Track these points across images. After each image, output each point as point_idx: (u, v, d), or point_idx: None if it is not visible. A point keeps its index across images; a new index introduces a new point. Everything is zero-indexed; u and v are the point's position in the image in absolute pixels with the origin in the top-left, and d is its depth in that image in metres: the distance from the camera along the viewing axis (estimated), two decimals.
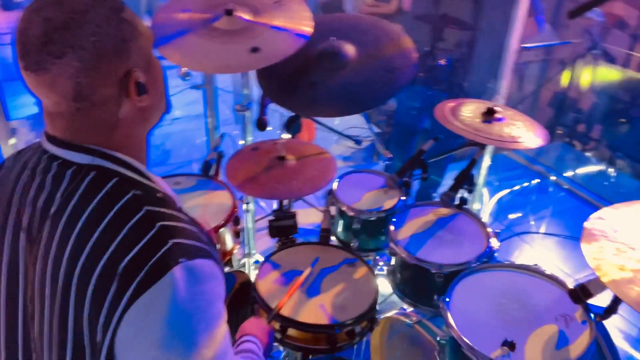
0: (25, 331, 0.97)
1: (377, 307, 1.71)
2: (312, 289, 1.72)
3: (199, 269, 0.87)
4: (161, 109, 1.05)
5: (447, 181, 3.48)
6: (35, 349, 0.95)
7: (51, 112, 0.93)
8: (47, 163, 0.96)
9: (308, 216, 3.30)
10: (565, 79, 4.57)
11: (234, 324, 1.77)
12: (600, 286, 1.31)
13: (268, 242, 2.15)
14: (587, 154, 4.64)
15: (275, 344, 1.61)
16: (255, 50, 1.73)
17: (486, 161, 2.87)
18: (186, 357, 0.83)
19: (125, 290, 0.83)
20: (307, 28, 1.84)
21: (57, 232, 0.90)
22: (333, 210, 2.10)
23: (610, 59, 4.31)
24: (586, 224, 1.36)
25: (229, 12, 1.82)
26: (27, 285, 0.96)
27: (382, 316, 1.88)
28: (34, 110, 5.16)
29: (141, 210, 0.89)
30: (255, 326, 1.34)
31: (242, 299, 1.83)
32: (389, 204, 2.08)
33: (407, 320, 1.78)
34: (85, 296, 0.85)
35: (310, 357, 1.76)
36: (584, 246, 1.29)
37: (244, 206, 2.60)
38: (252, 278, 1.83)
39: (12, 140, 2.11)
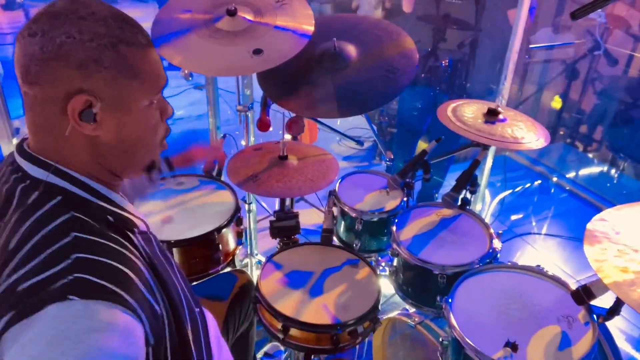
0: None
1: (380, 308, 1.71)
2: (315, 289, 1.72)
3: (90, 314, 0.76)
4: (130, 157, 0.97)
5: (449, 182, 3.48)
6: None
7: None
8: (9, 176, 0.93)
9: (310, 217, 3.30)
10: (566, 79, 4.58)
11: (234, 325, 1.78)
12: (603, 287, 1.32)
13: (270, 243, 2.15)
14: (589, 155, 4.64)
15: (278, 343, 1.61)
16: (257, 52, 1.72)
17: (488, 162, 2.87)
18: None
19: (6, 313, 0.76)
20: (309, 27, 1.83)
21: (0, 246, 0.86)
22: (335, 210, 2.10)
23: (612, 60, 4.31)
24: (588, 226, 1.36)
25: (231, 13, 1.82)
26: None
27: (385, 317, 1.89)
28: None
29: (68, 235, 0.83)
30: None
31: (243, 300, 1.83)
32: (391, 204, 2.08)
33: (410, 321, 1.78)
34: None
35: (312, 357, 1.76)
36: (587, 248, 1.29)
37: (246, 206, 2.60)
38: (254, 278, 1.84)
39: (15, 140, 2.11)
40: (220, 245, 1.89)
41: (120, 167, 0.97)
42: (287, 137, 2.21)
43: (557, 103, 4.65)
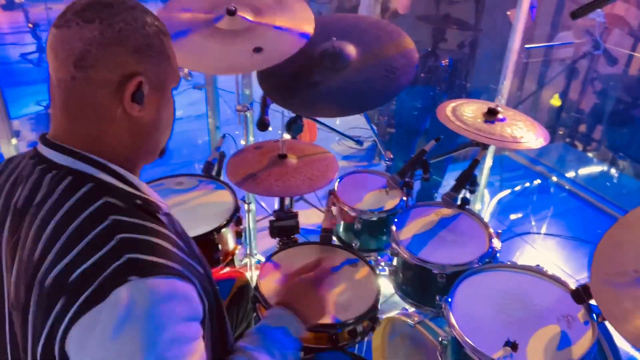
0: (12, 336, 0.96)
1: (379, 307, 1.71)
2: None
3: (153, 288, 0.82)
4: (156, 139, 1.03)
5: (448, 181, 3.48)
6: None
7: (52, 87, 0.96)
8: (31, 168, 0.96)
9: (309, 217, 3.30)
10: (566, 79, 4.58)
11: (232, 326, 1.78)
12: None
13: (270, 242, 2.15)
14: (589, 154, 4.64)
15: None
16: (257, 50, 1.73)
17: (488, 162, 2.87)
18: None
19: (71, 306, 0.80)
20: (309, 28, 1.84)
21: (29, 238, 0.89)
22: (334, 210, 2.10)
23: (611, 60, 4.31)
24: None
25: (231, 12, 1.82)
26: (8, 290, 0.95)
27: (384, 316, 1.89)
28: (36, 109, 5.20)
29: (106, 219, 0.87)
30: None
31: (241, 301, 1.83)
32: (390, 204, 2.08)
33: (409, 321, 1.78)
34: (38, 306, 0.84)
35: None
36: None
37: (246, 206, 2.60)
38: (254, 278, 1.84)
39: (14, 141, 2.11)
40: (219, 245, 1.89)
41: (150, 149, 1.03)
42: (287, 136, 2.21)
43: (556, 101, 4.64)
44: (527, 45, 3.13)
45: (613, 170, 4.41)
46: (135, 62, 0.92)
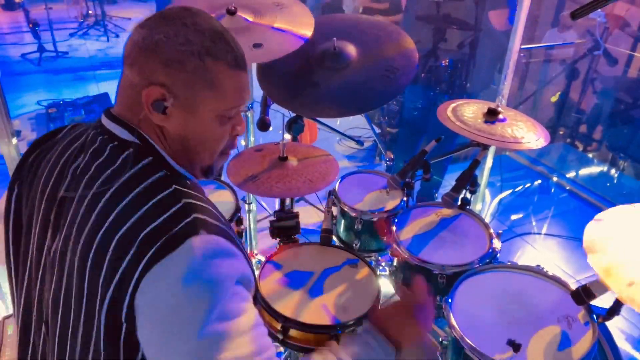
0: (40, 295, 1.04)
1: (380, 308, 1.71)
2: (315, 289, 1.72)
3: (218, 244, 0.90)
4: (188, 153, 1.05)
5: (448, 181, 3.48)
6: (49, 317, 1.01)
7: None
8: (93, 137, 1.03)
9: (310, 217, 3.30)
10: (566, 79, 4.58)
11: None
12: (603, 287, 1.32)
13: (270, 242, 2.15)
14: (589, 154, 4.64)
15: (277, 344, 1.61)
16: (257, 46, 1.74)
17: (488, 162, 2.87)
18: (202, 327, 0.85)
19: (142, 256, 0.85)
20: (307, 32, 1.84)
21: (87, 200, 0.95)
22: (335, 210, 2.10)
23: (611, 60, 4.31)
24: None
25: (231, 12, 1.83)
26: (48, 249, 1.02)
27: None
28: (36, 108, 5.20)
29: (170, 187, 0.94)
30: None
31: None
32: (391, 204, 2.08)
33: None
34: (103, 261, 0.88)
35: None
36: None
37: (246, 206, 2.60)
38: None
39: (14, 141, 2.11)
40: None
41: (180, 160, 1.05)
42: (287, 137, 2.21)
43: (555, 98, 4.65)
44: (523, 46, 3.13)
45: (613, 171, 4.41)
46: (164, 74, 0.95)
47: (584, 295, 1.37)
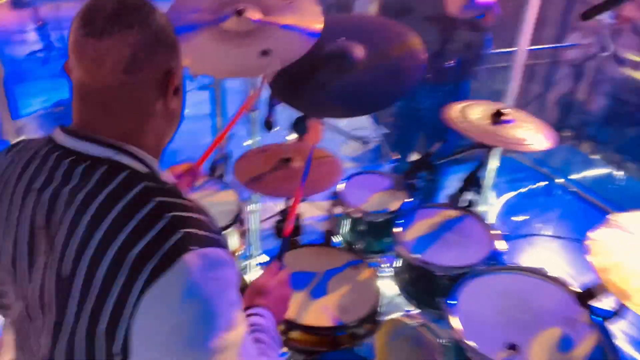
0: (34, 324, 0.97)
1: (382, 310, 1.71)
2: (318, 290, 1.72)
3: (210, 256, 0.89)
4: (178, 120, 1.08)
5: (451, 182, 3.47)
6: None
7: (88, 92, 0.95)
8: (56, 159, 0.96)
9: (312, 212, 3.29)
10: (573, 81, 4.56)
11: None
12: (606, 290, 1.31)
13: (272, 243, 2.15)
14: (595, 156, 4.62)
15: None
16: (265, 53, 1.72)
17: (494, 163, 2.86)
18: (206, 342, 0.84)
19: (136, 280, 0.83)
20: (318, 25, 1.83)
21: (64, 227, 0.90)
22: (339, 211, 2.10)
23: (620, 62, 4.28)
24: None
25: (239, 13, 1.82)
26: (30, 282, 0.95)
27: (387, 318, 1.88)
28: (42, 106, 5.22)
29: (150, 201, 0.90)
30: (269, 292, 1.30)
31: None
32: (395, 205, 2.08)
33: (412, 323, 1.78)
34: (90, 288, 0.85)
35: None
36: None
37: (250, 207, 2.60)
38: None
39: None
40: None
41: (170, 137, 1.07)
42: (292, 136, 2.21)
43: None
44: (528, 47, 3.12)
45: (619, 173, 4.39)
46: (170, 58, 0.98)
47: (587, 297, 1.37)
